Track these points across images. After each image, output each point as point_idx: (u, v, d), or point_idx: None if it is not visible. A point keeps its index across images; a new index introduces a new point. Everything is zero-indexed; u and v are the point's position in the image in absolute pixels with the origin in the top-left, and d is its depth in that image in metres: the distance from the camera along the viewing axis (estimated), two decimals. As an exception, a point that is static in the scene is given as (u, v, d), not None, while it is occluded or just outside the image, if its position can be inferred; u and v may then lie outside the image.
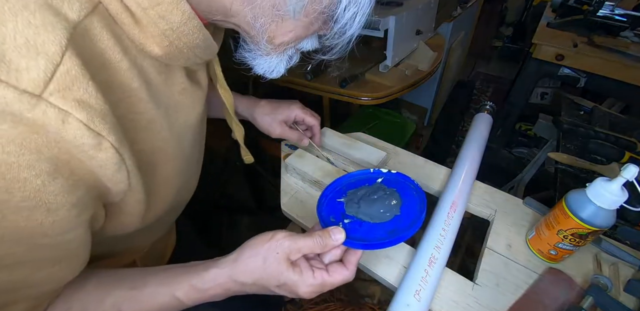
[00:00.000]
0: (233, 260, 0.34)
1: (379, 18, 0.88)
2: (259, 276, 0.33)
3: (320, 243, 0.34)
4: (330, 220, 0.39)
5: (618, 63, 0.96)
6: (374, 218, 0.39)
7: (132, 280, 0.35)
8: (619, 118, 0.84)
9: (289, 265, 0.33)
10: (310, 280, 0.33)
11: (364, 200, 0.41)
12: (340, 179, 0.45)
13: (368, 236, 0.37)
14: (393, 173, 0.45)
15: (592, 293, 0.41)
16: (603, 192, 0.39)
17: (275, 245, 0.33)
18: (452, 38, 1.49)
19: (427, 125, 1.86)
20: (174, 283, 0.34)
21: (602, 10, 1.12)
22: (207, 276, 0.33)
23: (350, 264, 0.35)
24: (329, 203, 0.42)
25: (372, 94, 0.97)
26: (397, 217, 0.39)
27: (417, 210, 0.39)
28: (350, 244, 0.36)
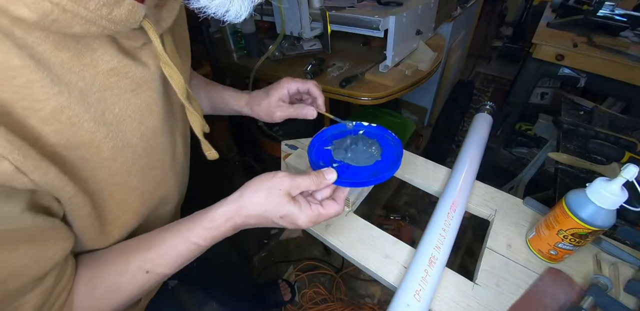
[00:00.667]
0: (238, 196, 0.37)
1: (379, 18, 0.88)
2: (264, 209, 0.36)
3: (316, 181, 0.38)
4: (320, 164, 0.44)
5: (618, 63, 0.96)
6: (358, 162, 0.45)
7: (147, 240, 0.37)
8: (619, 118, 0.84)
9: (289, 199, 0.36)
10: (308, 211, 0.37)
11: (349, 147, 0.47)
12: (325, 131, 0.50)
13: (354, 177, 0.42)
14: (373, 126, 0.50)
15: (592, 293, 0.41)
16: (603, 192, 0.39)
17: (277, 181, 0.36)
18: (452, 38, 1.49)
19: (427, 125, 1.86)
20: (187, 231, 0.36)
21: (602, 10, 1.12)
22: (216, 215, 0.36)
23: (340, 199, 0.40)
24: (318, 150, 0.47)
25: (372, 94, 0.97)
26: (378, 162, 0.45)
27: (395, 156, 0.45)
28: (340, 183, 0.41)
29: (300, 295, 1.25)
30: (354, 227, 0.54)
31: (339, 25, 0.98)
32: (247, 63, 1.17)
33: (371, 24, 0.91)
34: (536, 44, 1.09)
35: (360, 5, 1.01)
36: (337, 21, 0.97)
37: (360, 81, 1.03)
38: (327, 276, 1.31)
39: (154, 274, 0.35)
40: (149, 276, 0.35)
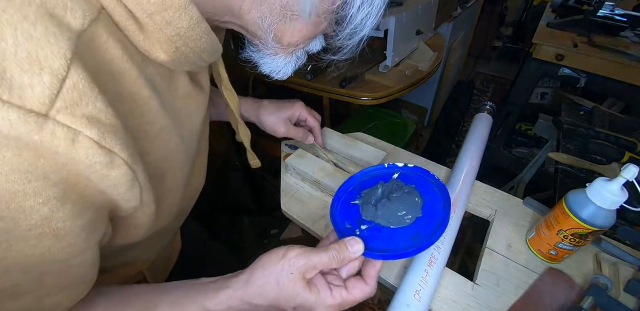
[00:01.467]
0: (245, 281, 0.32)
1: (379, 18, 0.88)
2: (274, 298, 0.31)
3: (337, 257, 0.32)
4: (346, 226, 0.36)
5: (618, 63, 0.96)
6: (393, 223, 0.35)
7: (143, 299, 0.33)
8: (619, 118, 0.84)
9: (304, 285, 0.31)
10: (329, 300, 0.31)
11: (381, 201, 0.37)
12: (352, 178, 0.41)
13: (389, 245, 0.33)
14: (410, 167, 0.40)
15: (592, 293, 0.41)
16: (603, 192, 0.39)
17: (288, 264, 0.31)
18: (452, 38, 1.50)
19: (427, 125, 1.86)
20: (186, 304, 0.32)
21: (602, 10, 1.12)
22: (219, 299, 0.31)
23: (370, 278, 0.33)
24: (343, 207, 0.38)
25: (372, 94, 0.97)
26: (419, 220, 0.35)
27: (442, 210, 0.35)
28: (370, 255, 0.33)
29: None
30: (354, 227, 0.54)
31: (339, 25, 0.98)
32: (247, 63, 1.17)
33: (371, 24, 0.90)
34: (536, 44, 1.09)
35: (360, 5, 1.01)
36: (337, 21, 0.97)
37: (360, 81, 1.03)
38: (327, 276, 1.30)
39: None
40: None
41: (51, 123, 0.19)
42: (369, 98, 0.98)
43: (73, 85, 0.19)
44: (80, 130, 0.20)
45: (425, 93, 1.72)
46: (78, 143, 0.20)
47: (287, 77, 0.38)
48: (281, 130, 0.58)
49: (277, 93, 1.42)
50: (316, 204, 0.58)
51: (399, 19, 0.91)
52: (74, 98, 0.19)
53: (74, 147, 0.20)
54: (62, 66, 0.19)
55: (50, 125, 0.19)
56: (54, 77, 0.18)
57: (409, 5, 0.99)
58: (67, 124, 0.19)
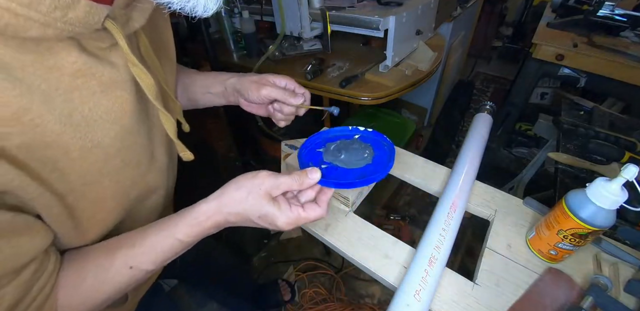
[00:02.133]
0: (219, 193, 0.37)
1: (379, 18, 0.89)
2: (243, 207, 0.36)
3: (298, 180, 0.38)
4: (309, 165, 0.44)
5: (618, 63, 0.96)
6: (348, 165, 0.44)
7: (132, 237, 0.37)
8: (619, 118, 0.84)
9: (269, 199, 0.36)
10: (287, 213, 0.37)
11: (340, 150, 0.47)
12: (320, 133, 0.49)
13: (341, 178, 0.42)
14: (369, 131, 0.49)
15: (592, 293, 0.41)
16: (603, 192, 0.39)
17: (259, 181, 0.37)
18: (452, 38, 1.50)
19: (427, 125, 1.86)
20: (170, 227, 0.36)
21: (602, 10, 1.12)
22: (198, 211, 0.36)
23: (322, 202, 0.39)
24: (309, 152, 0.47)
25: (372, 94, 0.97)
26: (369, 165, 0.44)
27: (386, 160, 0.44)
28: (325, 183, 0.40)
29: (300, 295, 1.25)
30: (354, 227, 0.54)
31: (339, 25, 0.98)
32: (247, 63, 1.17)
33: (371, 24, 0.91)
34: (536, 44, 1.09)
35: (360, 5, 1.01)
36: (337, 21, 0.97)
37: (360, 81, 1.03)
38: (327, 276, 1.31)
39: (137, 270, 0.36)
40: (132, 272, 0.36)
41: None
42: (369, 98, 0.98)
43: None
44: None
45: (425, 93, 1.72)
46: None
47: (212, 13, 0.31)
48: (265, 88, 0.50)
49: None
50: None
51: (399, 19, 0.91)
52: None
53: None
54: None
55: None
56: None
57: (409, 5, 0.99)
58: None
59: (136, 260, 0.36)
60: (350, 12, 0.96)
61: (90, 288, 0.35)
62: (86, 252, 0.36)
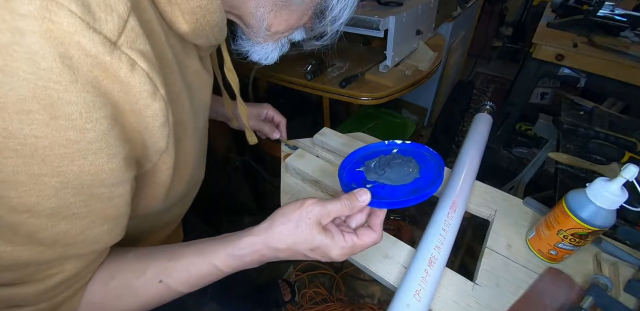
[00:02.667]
0: (267, 227, 0.35)
1: (379, 18, 0.89)
2: (293, 241, 0.34)
3: (348, 205, 0.35)
4: (352, 186, 0.41)
5: (618, 63, 0.96)
6: (395, 181, 0.41)
7: (170, 251, 0.36)
8: (619, 118, 0.84)
9: (320, 229, 0.34)
10: (341, 243, 0.35)
11: (383, 166, 0.43)
12: (356, 151, 0.46)
13: (392, 196, 0.38)
14: (407, 143, 0.45)
15: (592, 293, 0.41)
16: (603, 192, 0.39)
17: (306, 211, 0.35)
18: (452, 38, 1.49)
19: (427, 125, 1.86)
20: (211, 252, 0.35)
21: (602, 10, 1.12)
22: (243, 244, 0.35)
23: (376, 226, 0.37)
24: (349, 173, 0.44)
25: (372, 94, 0.97)
26: (417, 179, 0.40)
27: (436, 172, 0.40)
28: (376, 204, 0.37)
29: (300, 295, 1.25)
30: (354, 227, 0.54)
31: (339, 25, 0.98)
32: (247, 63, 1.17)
33: (371, 24, 0.91)
34: (536, 44, 1.09)
35: (360, 5, 1.01)
36: (337, 21, 0.97)
37: (360, 81, 1.03)
38: (327, 276, 1.30)
39: (165, 286, 0.34)
40: (160, 287, 0.34)
41: (119, 50, 0.23)
42: (369, 98, 0.98)
43: (132, 28, 0.24)
44: (137, 61, 0.25)
45: (425, 93, 1.72)
46: (135, 70, 0.25)
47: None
48: (251, 122, 0.66)
49: (277, 93, 1.43)
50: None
51: (399, 19, 0.91)
52: (132, 36, 0.24)
53: (132, 73, 0.24)
54: (125, 11, 0.24)
55: (118, 51, 0.23)
56: (120, 18, 0.23)
57: (409, 5, 0.99)
58: (128, 54, 0.24)
59: (168, 276, 0.34)
60: (350, 12, 0.96)
61: (118, 290, 0.33)
62: (128, 253, 0.36)
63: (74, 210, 0.26)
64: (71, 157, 0.24)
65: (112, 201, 0.28)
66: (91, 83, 0.23)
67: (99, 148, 0.24)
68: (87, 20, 0.21)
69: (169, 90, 0.30)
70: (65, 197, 0.25)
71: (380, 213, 0.38)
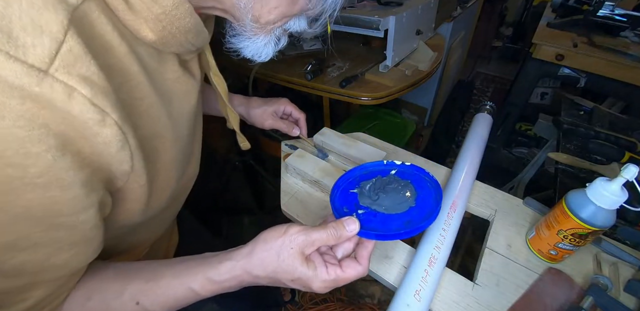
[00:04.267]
0: (247, 253, 0.34)
1: (379, 18, 0.88)
2: (273, 270, 0.33)
3: (334, 234, 0.34)
4: (344, 210, 0.39)
5: (618, 63, 0.96)
6: (388, 209, 0.38)
7: (149, 271, 0.35)
8: (619, 118, 0.84)
9: (302, 260, 0.33)
10: (324, 276, 0.33)
11: (378, 191, 0.40)
12: (353, 170, 0.44)
13: (383, 227, 0.36)
14: (407, 165, 0.43)
15: (592, 293, 0.41)
16: (603, 192, 0.39)
17: (289, 239, 0.33)
18: (452, 38, 1.49)
19: (427, 125, 1.86)
20: (189, 275, 0.34)
21: (602, 10, 1.12)
22: (222, 269, 0.34)
23: (363, 259, 0.35)
24: (342, 194, 0.41)
25: (372, 94, 0.97)
26: (412, 208, 0.38)
27: (433, 202, 0.38)
28: (365, 235, 0.35)
29: (300, 295, 1.25)
30: (354, 227, 0.54)
31: (339, 25, 0.98)
32: (247, 63, 1.17)
33: (371, 24, 0.91)
34: (536, 44, 1.09)
35: (360, 5, 1.01)
36: (337, 21, 0.97)
37: (360, 81, 1.03)
38: (327, 276, 1.30)
39: (142, 308, 0.34)
40: (138, 308, 0.33)
41: (50, 78, 0.21)
42: (369, 98, 0.98)
43: (69, 49, 0.22)
44: (76, 87, 0.22)
45: (425, 93, 1.72)
46: (73, 99, 0.22)
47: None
48: (267, 121, 0.63)
49: (277, 93, 1.42)
50: (316, 204, 0.58)
51: (399, 19, 0.91)
52: (70, 59, 0.22)
53: (70, 102, 0.22)
54: (60, 31, 0.21)
55: (49, 79, 0.21)
56: (53, 40, 0.21)
57: (409, 5, 0.99)
58: (64, 81, 0.22)
59: (145, 298, 0.33)
60: (350, 12, 0.96)
61: (95, 309, 0.33)
62: (107, 271, 0.35)
63: (34, 240, 0.25)
64: (17, 192, 0.22)
65: (77, 228, 0.27)
66: (24, 116, 0.21)
67: (47, 181, 0.23)
68: (6, 49, 0.19)
69: (135, 105, 0.29)
70: (22, 229, 0.24)
71: (368, 245, 0.36)
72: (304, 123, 0.65)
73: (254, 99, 0.65)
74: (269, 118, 0.63)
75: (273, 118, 0.63)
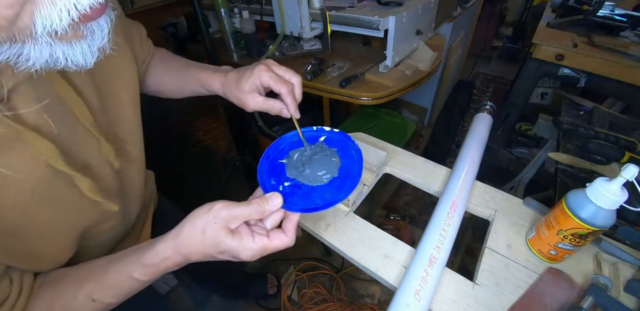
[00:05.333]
0: (175, 234, 0.36)
1: (379, 18, 0.88)
2: (201, 246, 0.35)
3: (258, 209, 0.35)
4: (271, 183, 0.41)
5: (618, 63, 0.96)
6: (313, 181, 0.41)
7: (97, 272, 0.38)
8: (619, 118, 0.84)
9: (227, 233, 0.34)
10: (250, 245, 0.35)
11: (305, 160, 0.43)
12: (283, 138, 0.46)
13: (305, 201, 0.39)
14: (335, 132, 0.46)
15: (592, 293, 0.41)
16: (603, 192, 0.39)
17: (212, 215, 0.34)
18: (452, 38, 1.50)
19: (427, 125, 1.86)
20: (128, 266, 0.37)
21: (602, 10, 1.12)
22: (154, 252, 0.36)
23: (289, 231, 0.37)
24: (271, 165, 0.44)
25: (372, 94, 0.97)
26: (335, 179, 0.41)
27: (355, 172, 0.41)
28: (289, 208, 0.38)
29: (300, 295, 1.25)
30: (354, 227, 0.54)
31: (339, 25, 0.98)
32: (247, 63, 1.16)
33: (371, 24, 0.91)
34: (536, 44, 1.09)
35: (360, 5, 1.01)
36: (337, 21, 0.97)
37: (360, 81, 1.03)
38: (327, 276, 1.30)
39: (99, 303, 0.37)
40: (95, 304, 0.37)
41: None
42: (369, 98, 0.98)
43: None
44: None
45: (425, 93, 1.72)
46: None
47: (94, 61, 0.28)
48: (249, 105, 0.49)
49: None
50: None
51: (399, 19, 0.91)
52: None
53: None
54: None
55: None
56: None
57: (409, 5, 0.99)
58: None
59: (97, 294, 0.37)
60: (350, 12, 0.96)
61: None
62: (59, 280, 0.38)
63: None
64: None
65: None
66: None
67: None
68: None
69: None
70: None
71: (293, 218, 0.38)
72: (290, 97, 0.47)
73: (229, 77, 0.52)
74: (249, 101, 0.48)
75: (254, 99, 0.48)
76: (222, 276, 1.02)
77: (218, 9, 1.11)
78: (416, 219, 1.46)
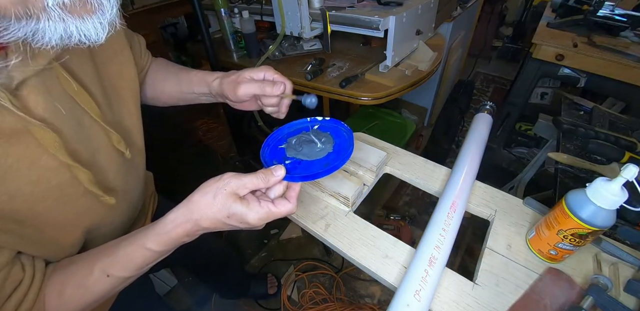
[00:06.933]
0: (187, 200, 0.38)
1: (379, 18, 0.88)
2: (211, 210, 0.37)
3: (264, 179, 0.39)
4: (273, 163, 0.45)
5: (618, 63, 0.96)
6: (310, 156, 0.46)
7: (109, 249, 0.39)
8: (619, 118, 0.84)
9: (236, 198, 0.37)
10: (257, 209, 0.37)
11: (302, 143, 0.48)
12: (281, 129, 0.51)
13: (306, 172, 0.43)
14: (327, 120, 0.51)
15: (592, 293, 0.41)
16: (603, 192, 0.39)
17: (223, 183, 0.37)
18: (452, 38, 1.49)
19: (427, 125, 1.86)
20: (141, 237, 0.38)
21: (602, 10, 1.12)
22: (166, 220, 0.38)
23: (292, 198, 0.40)
24: (272, 150, 0.48)
25: (372, 94, 0.97)
26: (331, 153, 0.46)
27: (347, 148, 0.45)
28: (291, 179, 0.41)
29: (300, 295, 1.25)
30: (354, 227, 0.54)
31: (339, 25, 0.98)
32: (247, 63, 1.17)
33: (371, 24, 0.91)
34: (536, 44, 1.09)
35: (360, 5, 1.01)
36: (337, 21, 0.97)
37: (360, 81, 1.03)
38: (327, 276, 1.31)
39: (114, 278, 0.38)
40: (110, 279, 0.38)
41: None
42: (369, 98, 0.98)
43: None
44: None
45: (425, 93, 1.72)
46: None
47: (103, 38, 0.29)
48: (241, 88, 0.49)
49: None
50: (316, 204, 0.58)
51: (399, 19, 0.91)
52: None
53: None
54: None
55: None
56: None
57: (409, 5, 0.99)
58: None
59: (112, 269, 0.38)
60: (350, 12, 0.96)
61: (74, 294, 0.37)
62: (70, 262, 0.39)
63: None
64: None
65: None
66: None
67: None
68: None
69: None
70: None
71: (295, 187, 0.42)
72: (291, 87, 0.51)
73: (232, 71, 0.54)
74: (241, 84, 0.49)
75: (247, 82, 0.49)
76: (222, 276, 1.02)
77: (218, 9, 1.11)
78: (416, 219, 1.46)
